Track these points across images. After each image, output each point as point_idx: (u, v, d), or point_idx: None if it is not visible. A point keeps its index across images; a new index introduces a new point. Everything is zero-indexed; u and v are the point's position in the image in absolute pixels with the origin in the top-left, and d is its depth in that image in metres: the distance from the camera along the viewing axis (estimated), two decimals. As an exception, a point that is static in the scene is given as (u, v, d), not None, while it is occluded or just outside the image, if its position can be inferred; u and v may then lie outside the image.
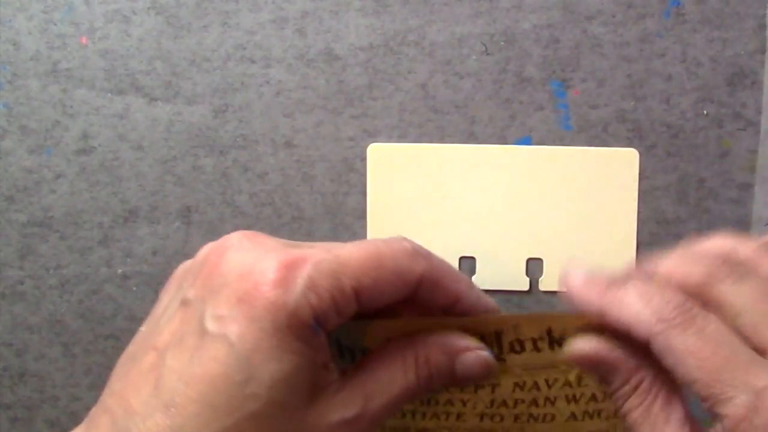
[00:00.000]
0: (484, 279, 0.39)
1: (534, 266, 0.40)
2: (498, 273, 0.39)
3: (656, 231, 0.39)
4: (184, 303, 0.25)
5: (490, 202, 0.39)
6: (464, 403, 0.29)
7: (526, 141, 0.39)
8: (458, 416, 0.29)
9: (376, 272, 0.25)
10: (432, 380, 0.26)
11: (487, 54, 0.39)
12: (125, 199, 0.40)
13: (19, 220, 0.40)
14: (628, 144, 0.39)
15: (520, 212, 0.39)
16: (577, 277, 0.26)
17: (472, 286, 0.28)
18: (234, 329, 0.23)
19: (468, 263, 0.40)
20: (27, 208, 0.40)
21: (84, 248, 0.40)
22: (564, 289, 0.27)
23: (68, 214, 0.40)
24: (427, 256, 0.26)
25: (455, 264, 0.39)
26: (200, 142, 0.40)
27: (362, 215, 0.40)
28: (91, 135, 0.40)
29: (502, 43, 0.39)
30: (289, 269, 0.24)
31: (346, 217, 0.40)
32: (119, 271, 0.40)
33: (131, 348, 0.26)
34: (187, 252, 0.40)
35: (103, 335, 0.41)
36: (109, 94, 0.40)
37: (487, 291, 0.39)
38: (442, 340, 0.27)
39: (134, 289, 0.41)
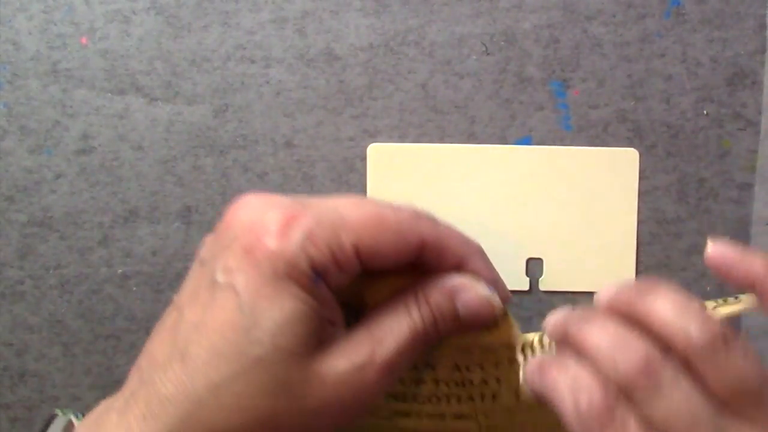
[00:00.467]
0: (484, 279, 0.39)
1: (534, 266, 0.40)
2: (498, 273, 0.39)
3: (656, 231, 0.39)
4: (201, 263, 0.27)
5: (490, 202, 0.39)
6: (499, 381, 0.29)
7: (527, 141, 0.39)
8: (494, 397, 0.29)
9: (376, 230, 0.26)
10: (437, 323, 0.27)
11: (487, 54, 0.39)
12: (125, 199, 0.40)
13: (19, 220, 0.40)
14: (628, 144, 0.39)
15: (520, 212, 0.39)
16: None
17: (482, 254, 0.28)
18: (240, 279, 0.25)
19: (468, 263, 0.39)
20: (27, 208, 0.40)
21: (84, 248, 0.40)
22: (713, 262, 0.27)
23: (68, 214, 0.40)
24: (432, 219, 0.27)
25: (455, 264, 0.40)
26: (200, 142, 0.40)
27: (362, 215, 0.40)
28: (91, 135, 0.40)
29: (502, 43, 0.39)
30: (290, 221, 0.25)
31: (346, 217, 0.40)
32: (119, 271, 0.40)
33: (164, 314, 0.28)
34: (187, 252, 0.40)
35: (103, 335, 0.41)
36: (109, 94, 0.40)
37: (487, 291, 0.40)
38: (439, 280, 0.27)
39: (134, 289, 0.41)
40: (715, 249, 0.26)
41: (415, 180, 0.39)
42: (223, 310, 0.25)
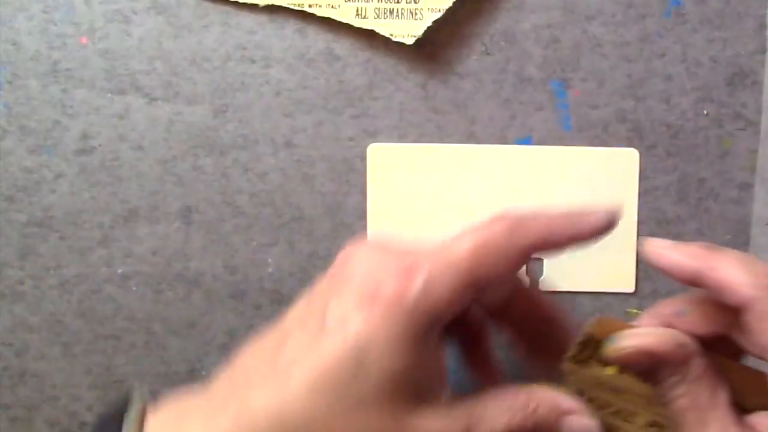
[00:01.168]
0: (484, 279, 0.39)
1: (534, 266, 0.40)
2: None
3: (656, 231, 0.39)
4: (310, 299, 0.27)
5: (490, 202, 0.39)
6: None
7: (527, 141, 0.39)
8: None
9: (486, 259, 0.26)
10: (534, 430, 0.28)
11: (487, 54, 0.39)
12: (125, 199, 0.40)
13: (19, 220, 0.40)
14: (628, 144, 0.39)
15: (520, 212, 0.39)
16: (664, 243, 0.28)
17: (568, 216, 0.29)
18: (353, 326, 0.25)
19: (468, 263, 0.40)
20: (27, 208, 0.40)
21: (84, 248, 0.40)
22: (649, 256, 0.28)
23: (68, 214, 0.40)
24: (521, 221, 0.28)
25: (455, 264, 0.40)
26: (200, 142, 0.40)
27: (362, 215, 0.40)
28: (91, 135, 0.40)
29: (503, 42, 0.39)
30: (408, 272, 0.26)
31: (346, 217, 0.40)
32: (119, 271, 0.40)
33: (264, 333, 0.28)
34: (186, 252, 0.40)
35: (103, 335, 0.41)
36: (109, 94, 0.40)
37: (487, 291, 0.40)
38: (553, 397, 0.28)
39: (134, 289, 0.41)
40: (651, 244, 0.28)
41: (415, 180, 0.39)
42: (334, 347, 0.25)
